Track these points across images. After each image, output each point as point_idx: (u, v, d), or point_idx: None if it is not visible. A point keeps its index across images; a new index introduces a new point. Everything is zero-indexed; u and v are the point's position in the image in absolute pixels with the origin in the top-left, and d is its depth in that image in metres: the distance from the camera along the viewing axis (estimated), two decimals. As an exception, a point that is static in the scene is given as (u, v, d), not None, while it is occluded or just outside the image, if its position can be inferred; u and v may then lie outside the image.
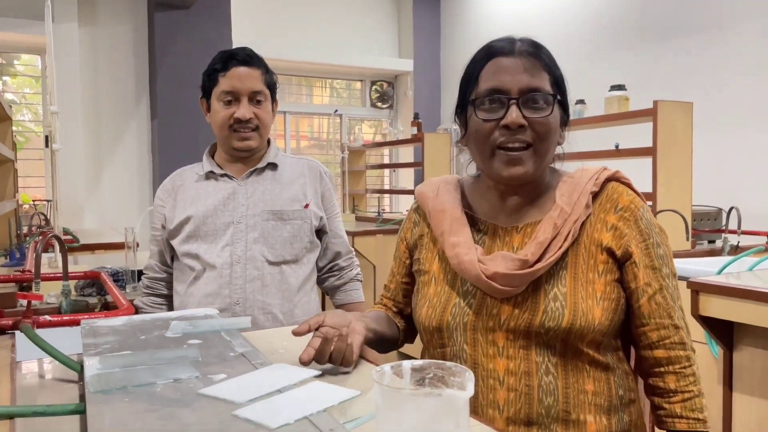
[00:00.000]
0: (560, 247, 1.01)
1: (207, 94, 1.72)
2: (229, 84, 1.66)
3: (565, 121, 1.08)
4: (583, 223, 1.03)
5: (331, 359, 0.99)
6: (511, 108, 1.01)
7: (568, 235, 1.01)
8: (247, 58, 1.68)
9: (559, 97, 1.04)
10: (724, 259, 2.32)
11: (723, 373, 1.70)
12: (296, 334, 1.04)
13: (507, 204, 1.09)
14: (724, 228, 3.22)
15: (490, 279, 1.00)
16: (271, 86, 1.73)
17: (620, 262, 1.03)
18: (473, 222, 1.11)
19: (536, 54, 1.04)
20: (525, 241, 1.05)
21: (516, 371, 1.00)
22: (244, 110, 1.65)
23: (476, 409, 1.02)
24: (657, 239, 1.05)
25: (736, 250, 2.95)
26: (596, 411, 1.00)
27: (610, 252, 1.03)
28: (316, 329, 1.01)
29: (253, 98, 1.67)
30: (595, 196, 1.06)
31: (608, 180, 1.08)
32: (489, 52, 1.05)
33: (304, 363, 0.97)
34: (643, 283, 1.03)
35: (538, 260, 1.00)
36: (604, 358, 1.02)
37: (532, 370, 0.99)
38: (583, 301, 0.99)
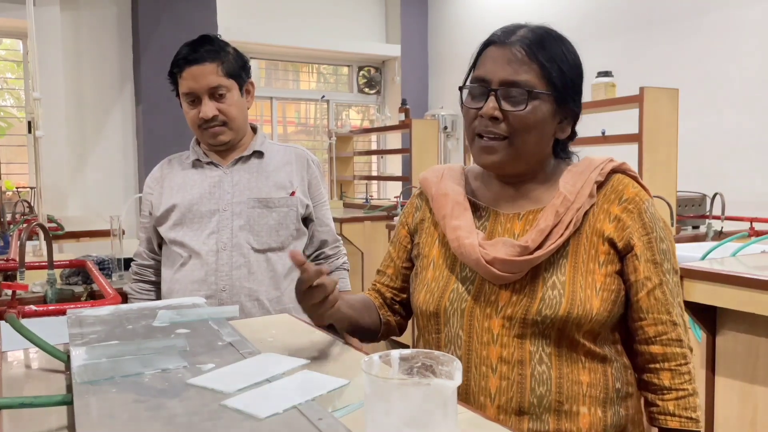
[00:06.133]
0: (561, 235, 1.00)
1: (178, 93, 1.70)
2: (186, 86, 1.63)
3: (569, 115, 1.07)
4: (585, 213, 1.03)
5: (316, 292, 0.96)
6: (489, 99, 1.01)
7: (569, 223, 1.00)
8: (197, 56, 1.61)
9: (548, 92, 1.01)
10: (708, 244, 2.34)
11: (706, 358, 1.72)
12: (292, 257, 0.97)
13: (509, 191, 1.09)
14: (708, 214, 3.26)
15: (490, 264, 1.00)
16: (235, 73, 1.66)
17: (621, 254, 1.02)
18: (475, 208, 1.10)
19: (531, 46, 1.02)
20: (526, 228, 1.04)
21: (509, 360, 0.99)
22: (206, 109, 1.63)
23: (467, 396, 1.01)
24: (660, 234, 1.04)
25: (719, 235, 2.99)
26: (591, 403, 1.00)
27: (612, 243, 1.02)
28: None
29: (214, 94, 1.63)
30: (600, 186, 1.05)
31: (614, 171, 1.07)
32: (488, 39, 1.06)
33: (297, 258, 0.94)
34: (643, 277, 1.01)
35: (539, 247, 0.99)
36: (601, 350, 1.01)
37: (526, 359, 0.99)
38: (581, 290, 0.98)
